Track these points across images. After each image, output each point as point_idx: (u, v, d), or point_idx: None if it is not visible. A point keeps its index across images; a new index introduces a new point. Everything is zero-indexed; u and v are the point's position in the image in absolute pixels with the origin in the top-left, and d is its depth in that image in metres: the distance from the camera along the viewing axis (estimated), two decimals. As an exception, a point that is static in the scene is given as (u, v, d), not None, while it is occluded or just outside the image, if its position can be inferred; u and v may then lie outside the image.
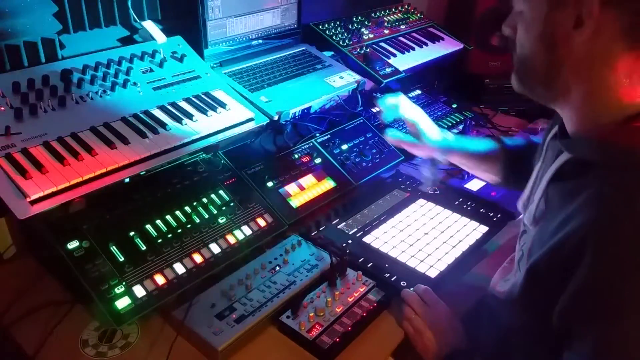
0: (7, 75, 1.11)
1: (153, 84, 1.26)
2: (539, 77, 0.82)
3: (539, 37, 0.78)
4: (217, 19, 1.43)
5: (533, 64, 0.81)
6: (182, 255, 1.07)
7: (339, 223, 1.32)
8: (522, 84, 0.85)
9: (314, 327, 1.00)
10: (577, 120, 0.82)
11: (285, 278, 1.11)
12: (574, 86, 0.79)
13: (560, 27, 0.75)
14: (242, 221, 1.19)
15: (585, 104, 0.79)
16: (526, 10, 0.79)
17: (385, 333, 1.04)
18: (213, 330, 0.97)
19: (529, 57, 0.82)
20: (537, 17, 0.77)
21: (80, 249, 1.00)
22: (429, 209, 1.40)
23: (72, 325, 1.01)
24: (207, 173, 1.25)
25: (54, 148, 1.02)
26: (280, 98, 1.41)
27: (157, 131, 1.13)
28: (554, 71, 0.79)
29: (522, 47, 0.82)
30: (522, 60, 0.83)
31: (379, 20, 1.93)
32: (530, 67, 0.82)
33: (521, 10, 0.81)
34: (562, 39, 0.75)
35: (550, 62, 0.79)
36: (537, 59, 0.80)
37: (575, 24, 0.72)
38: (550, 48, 0.77)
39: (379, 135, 1.63)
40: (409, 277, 1.13)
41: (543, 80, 0.82)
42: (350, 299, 1.07)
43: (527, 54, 0.82)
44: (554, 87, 0.81)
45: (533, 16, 0.78)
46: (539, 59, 0.80)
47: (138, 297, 0.98)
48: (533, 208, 0.90)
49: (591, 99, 0.78)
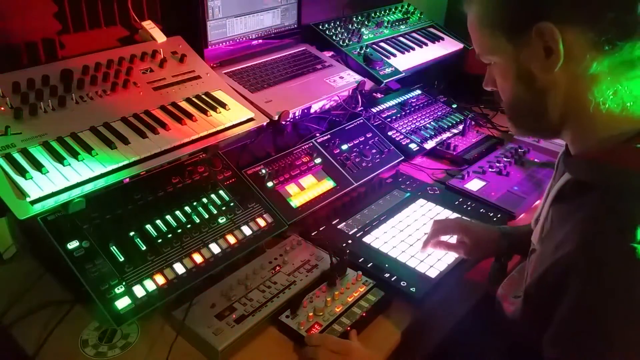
0: (7, 75, 1.10)
1: (153, 84, 1.26)
2: (529, 115, 0.83)
3: (516, 78, 0.80)
4: (217, 19, 1.43)
5: (520, 105, 0.83)
6: (182, 255, 1.07)
7: (339, 223, 1.32)
8: (518, 127, 0.88)
9: (313, 327, 1.00)
10: (577, 142, 0.82)
11: (285, 278, 1.11)
12: (566, 112, 0.79)
13: (533, 61, 0.76)
14: (242, 221, 1.19)
15: (580, 126, 0.80)
16: (496, 59, 0.82)
17: (385, 333, 1.04)
18: (213, 330, 0.97)
19: (513, 101, 0.83)
20: (509, 62, 0.79)
21: (80, 249, 1.00)
22: (429, 209, 1.40)
23: (72, 325, 1.01)
24: (207, 173, 1.25)
25: (54, 148, 1.02)
26: (280, 98, 1.41)
27: (156, 131, 1.13)
28: (540, 105, 0.80)
29: (505, 94, 0.84)
30: (510, 106, 0.85)
31: (379, 20, 1.93)
32: (518, 109, 0.84)
33: (492, 62, 0.83)
34: (539, 70, 0.76)
35: (535, 97, 0.80)
36: (521, 99, 0.82)
37: (546, 53, 0.74)
38: (530, 84, 0.79)
39: (379, 135, 1.63)
40: (409, 277, 1.13)
41: (534, 117, 0.83)
42: (350, 298, 1.07)
43: (511, 98, 0.83)
44: (547, 120, 0.81)
45: (504, 62, 0.80)
46: (523, 98, 0.81)
47: (138, 297, 0.98)
48: (540, 226, 0.90)
49: (586, 121, 0.78)
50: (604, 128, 0.77)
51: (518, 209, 1.40)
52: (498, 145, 1.77)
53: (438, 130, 1.79)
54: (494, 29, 0.78)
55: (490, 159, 1.63)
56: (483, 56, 0.84)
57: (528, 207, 1.43)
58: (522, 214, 1.40)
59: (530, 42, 0.74)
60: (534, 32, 0.73)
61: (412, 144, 1.69)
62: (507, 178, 1.54)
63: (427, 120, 1.84)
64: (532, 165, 1.62)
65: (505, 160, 1.62)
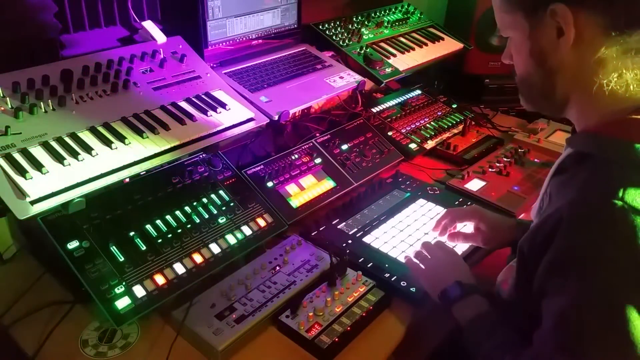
0: (7, 75, 1.10)
1: (153, 84, 1.26)
2: (538, 91, 0.89)
3: (529, 54, 0.85)
4: (217, 19, 1.43)
5: (530, 81, 0.89)
6: (182, 255, 1.07)
7: (339, 223, 1.32)
8: (528, 102, 0.93)
9: (313, 327, 1.00)
10: (582, 121, 0.87)
11: (285, 278, 1.11)
12: (572, 91, 0.85)
13: (545, 40, 0.81)
14: (242, 221, 1.19)
15: (585, 104, 0.84)
16: (513, 35, 0.88)
17: (385, 333, 1.04)
18: (213, 330, 0.97)
19: (525, 75, 0.89)
20: (523, 38, 0.84)
21: (80, 249, 1.00)
22: (429, 209, 1.40)
23: (72, 325, 1.01)
24: (207, 173, 1.25)
25: (54, 148, 1.02)
26: (280, 98, 1.41)
27: (157, 131, 1.13)
28: (550, 82, 0.85)
29: (518, 68, 0.90)
30: (522, 80, 0.91)
31: (379, 20, 1.93)
32: (528, 84, 0.90)
33: (509, 36, 0.89)
34: (550, 50, 0.82)
35: (545, 73, 0.85)
36: (532, 75, 0.87)
37: (558, 34, 0.79)
38: (541, 61, 0.84)
39: (379, 135, 1.63)
40: (409, 277, 1.13)
41: (543, 93, 0.88)
42: (350, 298, 1.07)
43: (523, 73, 0.89)
44: (555, 97, 0.87)
45: (520, 38, 0.86)
46: (534, 74, 0.87)
47: (138, 297, 0.98)
48: (538, 203, 0.95)
49: (590, 99, 0.82)
50: (606, 105, 0.81)
51: (518, 209, 1.40)
52: (498, 145, 1.77)
53: (438, 130, 1.79)
54: (514, 6, 0.84)
55: (490, 159, 1.63)
56: (502, 30, 0.90)
57: (528, 207, 1.42)
58: (522, 214, 1.40)
59: (544, 21, 0.79)
60: (549, 12, 0.78)
61: (412, 144, 1.69)
62: (507, 178, 1.54)
63: (427, 120, 1.84)
64: (532, 165, 1.62)
65: (505, 160, 1.62)
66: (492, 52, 2.09)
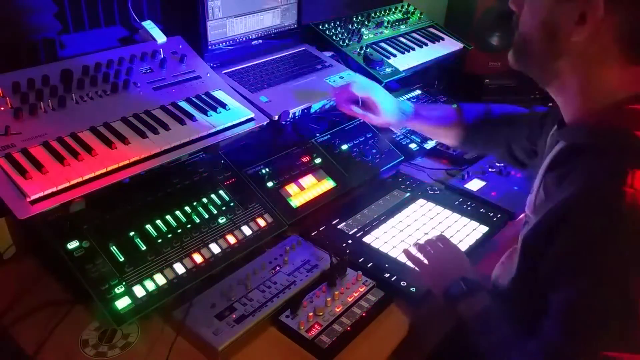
0: (7, 75, 1.10)
1: (153, 84, 1.26)
2: (535, 60, 0.85)
3: (542, 23, 0.81)
4: (217, 19, 1.43)
5: (532, 47, 0.84)
6: (182, 255, 1.07)
7: (339, 223, 1.32)
8: (518, 61, 0.89)
9: (313, 327, 1.00)
10: (572, 111, 0.86)
11: (285, 278, 1.11)
12: (568, 77, 0.82)
13: (563, 19, 0.77)
14: (242, 221, 1.19)
15: (579, 95, 0.83)
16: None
17: (385, 333, 1.04)
18: (213, 330, 0.97)
19: (528, 39, 0.84)
20: (545, 4, 0.79)
21: (80, 249, 1.00)
22: (429, 209, 1.40)
23: (72, 325, 1.01)
24: (207, 173, 1.25)
25: (54, 148, 1.02)
26: (280, 98, 1.41)
27: (157, 131, 1.13)
28: (550, 59, 0.82)
29: (524, 28, 0.85)
30: (522, 40, 0.86)
31: (379, 20, 1.93)
32: (528, 48, 0.85)
33: None
34: (563, 32, 0.78)
35: (549, 50, 0.82)
36: (536, 44, 0.83)
37: (578, 21, 0.75)
38: (550, 37, 0.80)
39: (379, 135, 1.63)
40: (409, 277, 1.13)
41: (539, 63, 0.85)
42: (350, 298, 1.07)
43: (528, 36, 0.84)
44: (548, 72, 0.84)
45: (541, 1, 0.80)
46: (538, 44, 0.83)
47: (138, 297, 0.98)
48: (533, 197, 0.95)
49: (584, 92, 0.81)
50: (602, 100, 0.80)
51: (518, 209, 1.39)
52: (498, 145, 1.77)
53: (438, 130, 1.79)
54: None
55: (490, 159, 1.63)
56: None
57: (528, 207, 1.42)
58: (522, 214, 1.40)
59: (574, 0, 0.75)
60: None
61: (412, 144, 1.69)
62: (507, 178, 1.54)
63: (427, 120, 1.84)
64: (532, 165, 1.62)
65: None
66: (492, 52, 2.09)
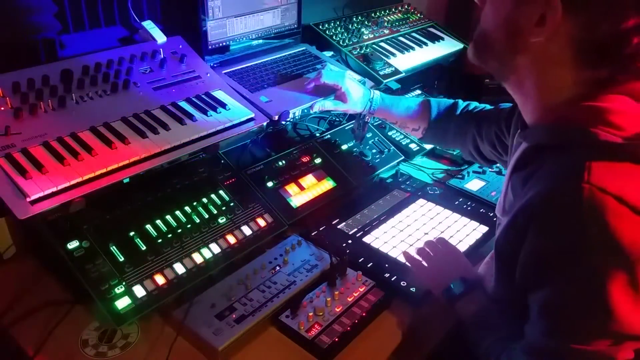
0: (7, 75, 1.10)
1: (153, 84, 1.26)
2: (494, 54, 0.86)
3: (504, 20, 0.82)
4: (217, 19, 1.43)
5: (492, 43, 0.85)
6: (182, 255, 1.07)
7: (339, 223, 1.32)
8: (477, 55, 0.90)
9: (313, 327, 1.00)
10: (531, 108, 0.87)
11: (285, 278, 1.11)
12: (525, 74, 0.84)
13: (524, 19, 0.78)
14: (242, 221, 1.19)
15: (535, 91, 0.84)
16: None
17: (385, 333, 1.04)
18: (213, 330, 0.97)
19: (489, 35, 0.85)
20: (507, 3, 0.80)
21: (80, 249, 1.00)
22: (429, 209, 1.40)
23: (72, 325, 1.01)
24: (207, 173, 1.25)
25: (54, 148, 1.02)
26: (280, 98, 1.41)
27: (157, 131, 1.13)
28: (509, 55, 0.83)
29: (486, 23, 0.86)
30: (483, 34, 0.87)
31: (379, 20, 1.93)
32: (489, 43, 0.86)
33: None
34: (524, 31, 0.79)
35: (508, 46, 0.83)
36: (497, 40, 0.84)
37: (538, 22, 0.76)
38: (510, 35, 0.82)
39: (379, 135, 1.63)
40: (408, 277, 1.13)
41: (497, 58, 0.86)
42: (350, 298, 1.07)
43: (488, 30, 0.85)
44: (507, 67, 0.86)
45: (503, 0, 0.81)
46: (498, 40, 0.84)
47: (138, 297, 0.98)
48: (502, 198, 0.97)
49: (540, 89, 0.83)
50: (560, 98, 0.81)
51: (518, 209, 1.40)
52: (498, 145, 1.77)
53: (438, 130, 1.79)
54: None
55: (490, 159, 1.63)
56: None
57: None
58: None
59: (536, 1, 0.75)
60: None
61: (412, 144, 1.69)
62: (507, 178, 1.54)
63: (427, 120, 1.84)
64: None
65: (505, 160, 1.61)
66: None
